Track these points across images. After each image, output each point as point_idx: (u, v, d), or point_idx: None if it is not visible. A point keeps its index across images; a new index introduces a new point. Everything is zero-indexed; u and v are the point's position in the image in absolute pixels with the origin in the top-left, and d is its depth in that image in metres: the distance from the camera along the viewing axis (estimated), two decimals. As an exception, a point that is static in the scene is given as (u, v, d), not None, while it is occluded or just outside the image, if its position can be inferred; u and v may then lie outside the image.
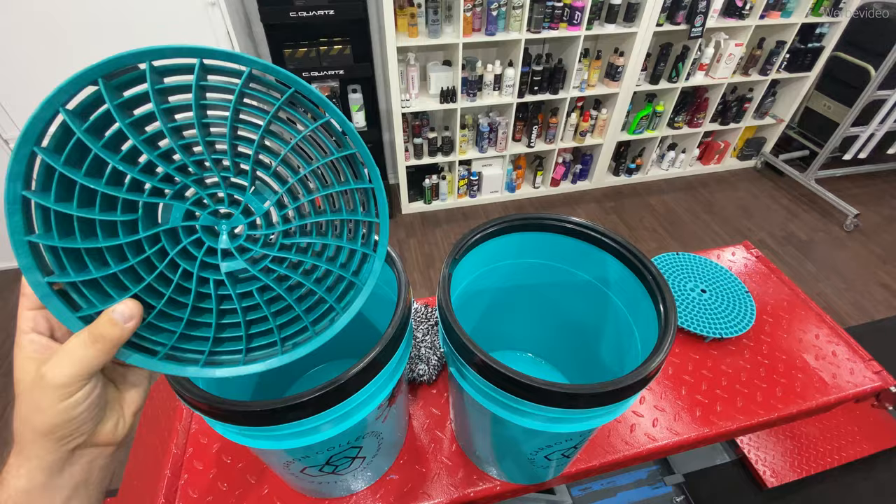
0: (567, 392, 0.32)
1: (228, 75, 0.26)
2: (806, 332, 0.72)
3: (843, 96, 2.28)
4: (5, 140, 1.46)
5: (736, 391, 0.63)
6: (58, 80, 0.22)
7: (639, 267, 0.43)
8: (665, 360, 0.36)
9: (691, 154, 2.52)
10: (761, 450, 0.94)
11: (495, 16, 1.73)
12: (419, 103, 1.89)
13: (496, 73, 1.90)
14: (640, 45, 1.93)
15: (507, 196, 2.38)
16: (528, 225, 0.49)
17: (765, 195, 2.46)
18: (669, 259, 0.79)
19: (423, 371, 0.61)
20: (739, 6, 1.98)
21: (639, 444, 0.58)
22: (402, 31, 1.72)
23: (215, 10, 1.36)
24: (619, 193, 2.46)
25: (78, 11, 1.26)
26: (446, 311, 0.38)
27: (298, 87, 0.26)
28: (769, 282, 0.81)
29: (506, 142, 2.12)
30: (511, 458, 0.49)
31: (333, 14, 1.58)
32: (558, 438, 0.41)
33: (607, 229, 0.46)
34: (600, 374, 0.53)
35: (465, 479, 0.54)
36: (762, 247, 2.09)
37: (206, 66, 0.25)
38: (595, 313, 0.52)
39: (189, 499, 0.52)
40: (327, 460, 0.42)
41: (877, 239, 2.14)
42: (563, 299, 0.55)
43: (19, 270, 0.24)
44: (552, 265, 0.52)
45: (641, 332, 0.43)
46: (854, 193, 2.39)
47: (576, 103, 2.13)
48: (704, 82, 2.18)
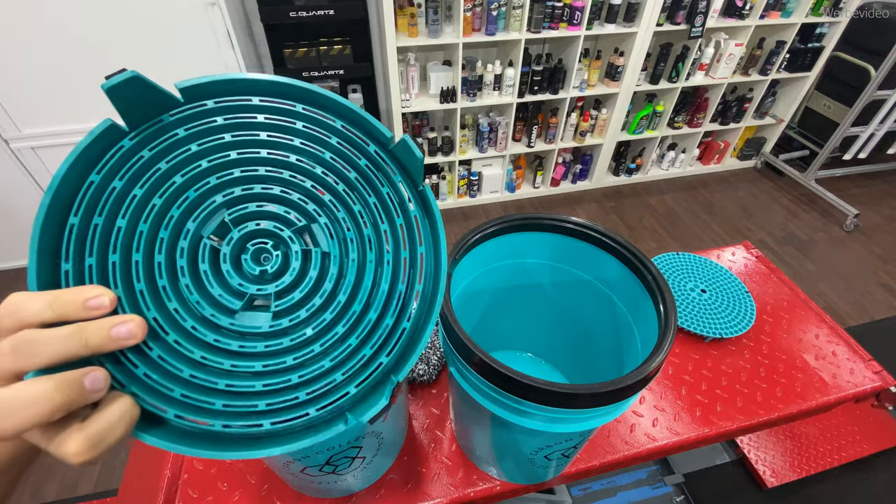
0: (567, 392, 0.32)
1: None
2: (806, 332, 0.72)
3: (843, 96, 2.28)
4: (5, 140, 1.46)
5: (736, 391, 0.63)
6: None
7: (639, 267, 0.43)
8: (665, 360, 0.36)
9: (691, 154, 2.52)
10: (761, 450, 0.94)
11: (495, 16, 1.73)
12: (419, 103, 1.89)
13: (496, 73, 1.90)
14: (640, 45, 1.93)
15: (507, 196, 2.38)
16: (528, 225, 0.49)
17: (765, 195, 2.46)
18: (669, 259, 0.79)
19: (423, 371, 0.61)
20: (739, 6, 1.98)
21: (639, 444, 0.58)
22: (402, 31, 1.72)
23: (215, 9, 1.36)
24: (619, 193, 2.46)
25: (77, 10, 1.26)
26: (446, 310, 0.38)
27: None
28: (769, 282, 0.81)
29: (506, 142, 2.12)
30: (511, 458, 0.49)
31: (333, 14, 1.58)
32: (558, 438, 0.41)
33: (607, 229, 0.46)
34: (600, 374, 0.53)
35: (465, 479, 0.54)
36: (762, 247, 2.09)
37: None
38: (595, 313, 0.52)
39: (189, 499, 0.52)
40: (327, 460, 0.42)
41: (877, 239, 2.14)
42: (562, 299, 0.55)
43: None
44: (552, 265, 0.52)
45: (641, 332, 0.43)
46: (854, 193, 2.39)
47: (576, 103, 2.13)
48: (704, 82, 2.18)
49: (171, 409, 0.22)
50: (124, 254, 0.23)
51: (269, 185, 0.25)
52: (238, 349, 0.24)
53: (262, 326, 0.24)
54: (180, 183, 0.24)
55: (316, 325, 0.25)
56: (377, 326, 0.26)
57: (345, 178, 0.27)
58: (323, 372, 0.25)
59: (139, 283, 0.23)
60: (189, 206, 0.24)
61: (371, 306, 0.26)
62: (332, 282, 0.26)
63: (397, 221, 0.27)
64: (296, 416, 0.24)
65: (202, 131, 0.24)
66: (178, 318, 0.23)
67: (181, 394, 0.23)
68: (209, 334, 0.24)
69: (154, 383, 0.22)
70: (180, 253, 0.24)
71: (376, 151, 0.27)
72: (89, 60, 1.34)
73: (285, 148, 0.26)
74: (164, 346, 0.23)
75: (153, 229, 0.23)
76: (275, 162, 0.25)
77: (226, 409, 0.23)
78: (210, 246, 0.24)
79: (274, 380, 0.24)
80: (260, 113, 0.25)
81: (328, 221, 0.26)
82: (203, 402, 0.23)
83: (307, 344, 0.25)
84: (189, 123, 0.24)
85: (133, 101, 0.22)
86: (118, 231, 0.22)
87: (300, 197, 0.26)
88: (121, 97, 0.21)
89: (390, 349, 0.26)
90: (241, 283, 0.24)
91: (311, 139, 0.26)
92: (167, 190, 0.24)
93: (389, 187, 0.27)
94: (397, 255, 0.27)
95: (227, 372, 0.24)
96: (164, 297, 0.23)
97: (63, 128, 1.46)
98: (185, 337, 0.23)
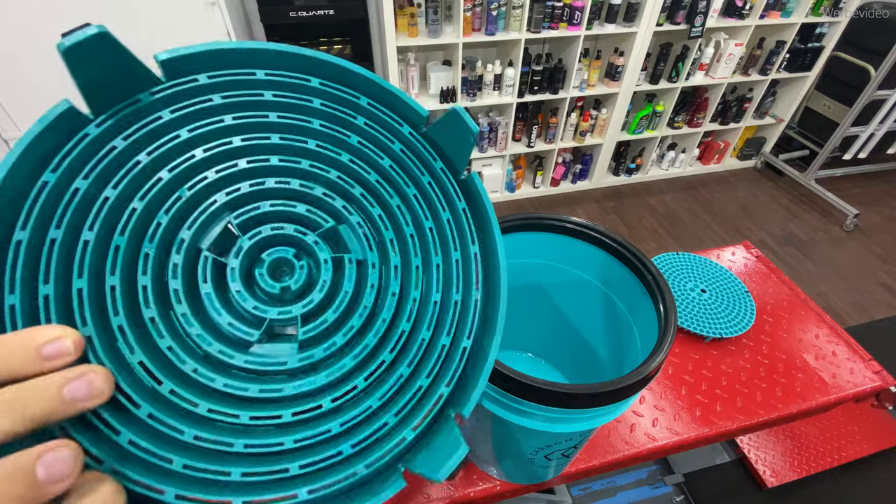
0: (567, 392, 0.32)
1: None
2: (806, 332, 0.72)
3: (843, 96, 2.28)
4: (5, 140, 1.46)
5: (736, 391, 0.63)
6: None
7: (639, 267, 0.43)
8: (665, 360, 0.36)
9: (691, 154, 2.52)
10: (761, 450, 0.94)
11: (495, 16, 1.72)
12: (419, 103, 1.89)
13: (496, 72, 1.90)
14: (640, 44, 1.93)
15: (506, 196, 2.38)
16: (528, 225, 0.49)
17: (765, 195, 2.46)
18: (669, 259, 0.79)
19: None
20: (739, 6, 1.98)
21: (639, 444, 0.58)
22: (401, 31, 1.72)
23: (215, 9, 1.36)
24: (619, 193, 2.46)
25: (77, 10, 1.26)
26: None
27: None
28: (769, 282, 0.81)
29: (506, 142, 2.12)
30: (511, 458, 0.49)
31: (333, 14, 1.58)
32: (558, 438, 0.41)
33: (607, 229, 0.46)
34: (600, 374, 0.53)
35: (465, 479, 0.54)
36: (762, 247, 2.09)
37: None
38: (595, 313, 0.52)
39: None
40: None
41: (877, 239, 2.14)
42: (563, 299, 0.55)
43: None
44: (552, 265, 0.52)
45: (641, 332, 0.43)
46: (854, 193, 2.39)
47: (576, 103, 2.13)
48: (704, 82, 2.18)
49: (171, 488, 0.16)
50: (94, 278, 0.17)
51: (284, 179, 0.20)
52: (259, 395, 0.18)
53: (289, 361, 0.19)
54: (168, 179, 0.18)
55: (357, 353, 0.20)
56: (432, 349, 0.21)
57: (377, 167, 0.22)
58: (370, 414, 0.19)
59: (117, 316, 0.17)
60: (181, 210, 0.19)
61: (423, 324, 0.21)
62: (372, 296, 0.20)
63: (443, 216, 0.22)
64: (341, 479, 0.17)
65: (194, 113, 0.19)
66: (173, 359, 0.17)
67: (183, 465, 0.16)
68: (217, 378, 0.18)
69: (145, 454, 0.16)
70: (173, 271, 0.18)
71: (411, 133, 0.23)
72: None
73: (302, 132, 0.21)
74: (155, 400, 0.17)
75: (134, 242, 0.18)
76: (290, 149, 0.20)
77: (246, 480, 0.17)
78: (213, 260, 0.19)
79: (308, 432, 0.18)
80: (267, 90, 0.20)
81: (361, 220, 0.22)
82: (214, 472, 0.16)
83: (347, 378, 0.19)
84: (176, 104, 0.19)
85: (100, 71, 0.16)
86: (84, 246, 0.17)
87: (324, 192, 0.21)
88: (83, 65, 0.16)
89: (451, 377, 0.20)
90: (257, 307, 0.19)
91: (333, 120, 0.21)
92: (150, 189, 0.18)
93: (430, 176, 0.23)
94: (447, 257, 0.22)
95: (245, 427, 0.17)
96: (154, 332, 0.17)
97: (63, 128, 1.46)
98: (184, 384, 0.17)
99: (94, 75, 0.16)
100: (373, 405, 0.19)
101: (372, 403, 0.19)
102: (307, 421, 0.18)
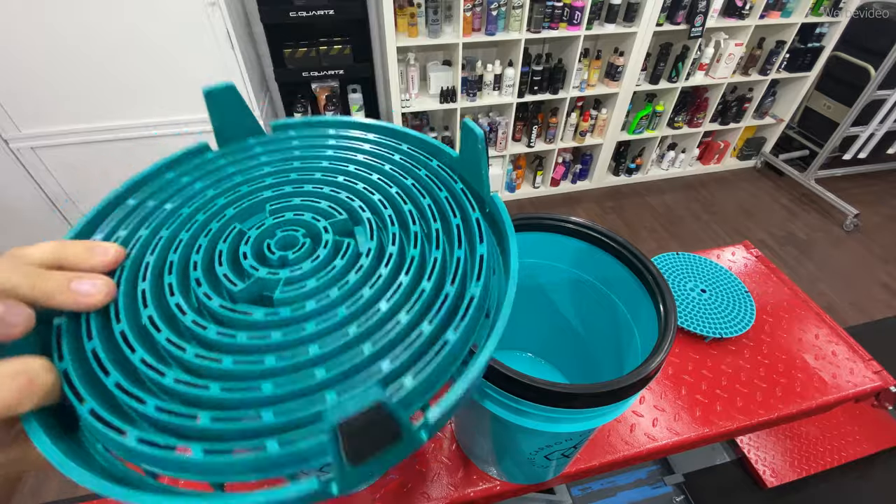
0: (567, 392, 0.32)
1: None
2: (806, 332, 0.72)
3: (843, 96, 2.28)
4: (5, 140, 1.46)
5: (736, 391, 0.63)
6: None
7: (639, 267, 0.43)
8: (665, 360, 0.36)
9: (691, 154, 2.52)
10: (761, 450, 0.94)
11: (495, 16, 1.73)
12: (419, 103, 1.89)
13: (496, 72, 1.90)
14: (640, 44, 1.93)
15: (506, 196, 2.38)
16: (528, 225, 0.49)
17: (765, 195, 2.46)
18: (669, 259, 0.79)
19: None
20: (739, 6, 1.98)
21: (639, 444, 0.58)
22: (401, 31, 1.72)
23: (215, 9, 1.36)
24: (619, 193, 2.46)
25: (77, 10, 1.26)
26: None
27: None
28: (769, 282, 0.81)
29: (505, 141, 2.12)
30: (511, 458, 0.49)
31: (333, 14, 1.58)
32: (558, 438, 0.41)
33: (607, 229, 0.46)
34: (600, 374, 0.53)
35: (464, 479, 0.54)
36: (762, 247, 2.09)
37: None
38: (595, 313, 0.52)
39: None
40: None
41: (877, 239, 2.14)
42: (563, 299, 0.55)
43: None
44: (552, 265, 0.52)
45: (641, 332, 0.43)
46: (854, 193, 2.39)
47: (576, 103, 2.13)
48: (704, 82, 2.18)
49: (134, 431, 0.16)
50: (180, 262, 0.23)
51: (318, 185, 0.27)
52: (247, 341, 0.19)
53: (255, 314, 0.20)
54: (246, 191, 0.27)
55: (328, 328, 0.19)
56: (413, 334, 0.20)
57: (400, 184, 0.27)
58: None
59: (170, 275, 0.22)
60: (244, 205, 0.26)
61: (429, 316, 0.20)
62: (357, 276, 0.21)
63: (454, 222, 0.24)
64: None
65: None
66: (176, 313, 0.21)
67: (155, 408, 0.17)
68: (210, 327, 0.19)
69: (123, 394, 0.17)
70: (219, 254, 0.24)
71: (439, 166, 0.28)
72: (89, 60, 1.34)
73: (346, 161, 0.28)
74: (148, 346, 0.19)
75: (207, 223, 0.25)
76: (332, 170, 0.28)
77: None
78: (239, 230, 0.24)
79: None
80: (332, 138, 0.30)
81: (373, 219, 0.24)
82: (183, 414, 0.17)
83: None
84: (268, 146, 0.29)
85: (227, 115, 0.27)
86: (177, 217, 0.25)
87: (348, 195, 0.26)
88: (217, 107, 0.26)
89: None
90: (253, 265, 0.22)
91: (374, 156, 0.28)
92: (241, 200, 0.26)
93: (448, 191, 0.27)
94: (452, 252, 0.23)
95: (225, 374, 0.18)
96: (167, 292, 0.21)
97: (63, 128, 1.46)
98: (179, 334, 0.20)
99: (224, 118, 0.27)
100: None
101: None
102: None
